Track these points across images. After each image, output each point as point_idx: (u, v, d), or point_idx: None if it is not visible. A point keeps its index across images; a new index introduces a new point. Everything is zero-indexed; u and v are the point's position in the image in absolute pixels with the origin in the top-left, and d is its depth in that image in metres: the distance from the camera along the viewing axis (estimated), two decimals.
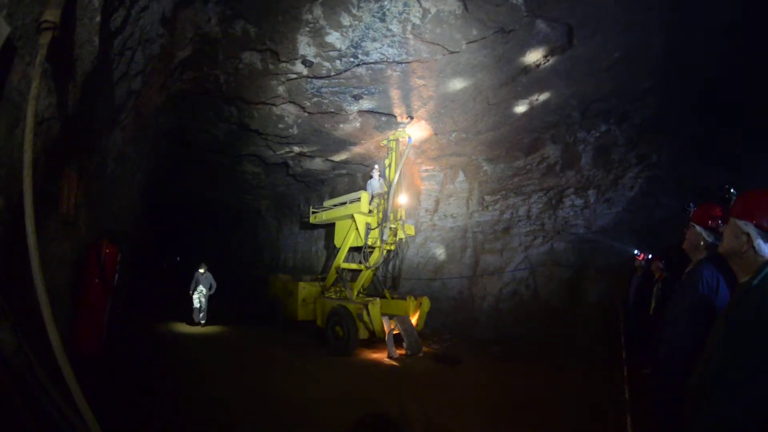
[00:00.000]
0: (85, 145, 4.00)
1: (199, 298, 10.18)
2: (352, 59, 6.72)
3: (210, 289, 10.37)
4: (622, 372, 5.36)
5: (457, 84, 7.42)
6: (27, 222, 1.81)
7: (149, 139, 7.63)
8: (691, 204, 2.42)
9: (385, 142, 9.55)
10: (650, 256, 7.24)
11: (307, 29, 6.02)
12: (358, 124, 9.28)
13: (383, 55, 6.58)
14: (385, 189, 9.11)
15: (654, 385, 2.31)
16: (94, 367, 4.29)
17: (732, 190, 1.65)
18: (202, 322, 10.11)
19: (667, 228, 7.21)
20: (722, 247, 1.60)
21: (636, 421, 4.00)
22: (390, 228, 8.84)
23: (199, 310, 10.18)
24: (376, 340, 8.00)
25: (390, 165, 9.24)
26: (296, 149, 10.97)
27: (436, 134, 9.55)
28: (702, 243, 2.21)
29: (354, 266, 9.78)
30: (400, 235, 9.06)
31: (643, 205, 8.22)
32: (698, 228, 2.22)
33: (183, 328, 9.86)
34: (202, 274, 10.42)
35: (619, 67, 6.66)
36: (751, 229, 1.44)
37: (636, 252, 7.83)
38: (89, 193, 4.31)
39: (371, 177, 9.99)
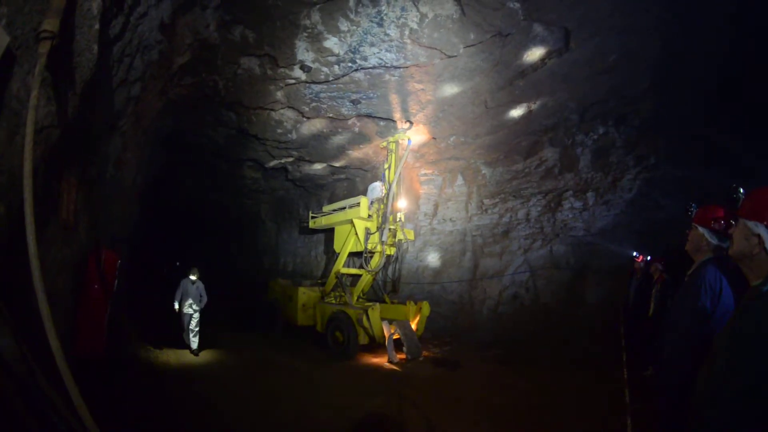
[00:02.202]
0: (85, 151, 4.01)
1: (189, 314, 7.88)
2: (350, 64, 6.75)
3: (200, 302, 8.05)
4: (623, 374, 5.36)
5: (455, 88, 7.45)
6: (27, 228, 1.82)
7: (148, 144, 7.64)
8: (693, 205, 2.41)
9: (384, 143, 9.58)
10: (649, 258, 7.25)
11: (306, 34, 6.05)
12: (356, 129, 9.31)
13: (381, 59, 6.61)
14: (385, 191, 9.12)
15: (657, 386, 2.30)
16: (93, 372, 4.28)
17: (741, 190, 1.60)
18: (194, 347, 7.85)
19: (666, 229, 7.22)
20: (732, 249, 1.54)
21: (636, 423, 3.99)
22: (389, 229, 8.84)
23: (191, 332, 7.88)
24: (376, 345, 7.98)
25: (389, 167, 9.27)
26: (295, 154, 10.99)
27: (434, 138, 9.57)
28: (705, 244, 2.21)
29: (354, 271, 9.78)
30: (399, 236, 9.06)
31: (641, 206, 8.24)
32: (701, 229, 2.23)
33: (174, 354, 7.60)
34: (193, 282, 8.06)
35: (616, 70, 6.69)
36: (762, 230, 1.38)
37: (635, 254, 7.84)
38: (89, 198, 4.31)
39: (373, 184, 9.98)
